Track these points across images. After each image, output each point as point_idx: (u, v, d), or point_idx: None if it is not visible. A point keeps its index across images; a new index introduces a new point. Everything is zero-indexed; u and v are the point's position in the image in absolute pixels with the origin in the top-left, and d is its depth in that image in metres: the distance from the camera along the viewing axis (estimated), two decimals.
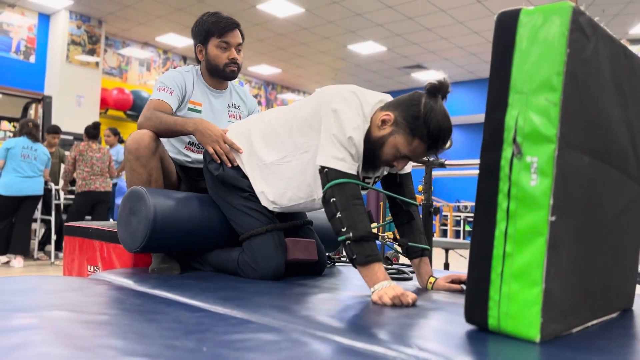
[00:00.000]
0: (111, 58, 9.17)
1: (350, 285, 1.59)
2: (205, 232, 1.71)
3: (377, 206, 4.14)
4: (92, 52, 8.36)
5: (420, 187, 2.67)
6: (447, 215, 10.44)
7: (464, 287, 1.52)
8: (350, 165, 1.42)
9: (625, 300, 1.28)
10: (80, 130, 6.55)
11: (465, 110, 10.93)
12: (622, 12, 7.18)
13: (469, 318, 1.00)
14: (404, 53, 9.54)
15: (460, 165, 2.81)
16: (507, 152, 0.95)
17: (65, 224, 2.21)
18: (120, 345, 0.82)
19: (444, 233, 10.54)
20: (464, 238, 10.28)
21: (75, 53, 8.16)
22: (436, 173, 3.35)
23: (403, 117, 1.44)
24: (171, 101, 1.87)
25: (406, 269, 1.90)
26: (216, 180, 1.72)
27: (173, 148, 1.98)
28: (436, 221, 9.93)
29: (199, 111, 1.97)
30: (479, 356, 0.84)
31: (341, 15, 7.84)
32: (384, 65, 10.31)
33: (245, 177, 1.69)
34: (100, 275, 1.59)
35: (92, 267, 1.99)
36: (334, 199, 1.38)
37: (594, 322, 1.11)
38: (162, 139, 1.87)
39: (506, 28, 0.98)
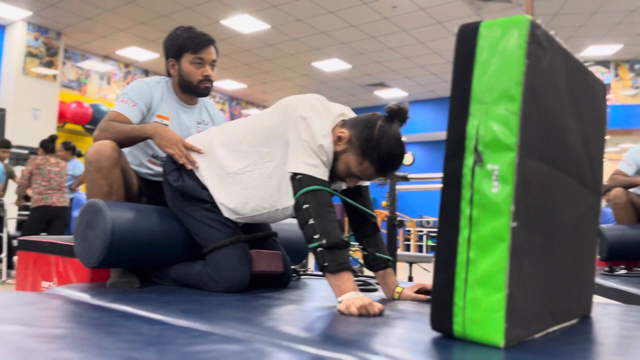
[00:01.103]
0: (70, 71, 8.96)
1: (316, 297, 1.58)
2: (166, 246, 1.67)
3: (342, 216, 4.15)
4: (49, 65, 8.15)
5: (384, 203, 2.69)
6: (410, 231, 10.55)
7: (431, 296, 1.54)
8: (323, 172, 1.42)
9: (583, 307, 1.32)
10: (36, 144, 6.35)
11: (426, 128, 11.16)
12: (574, 34, 7.53)
13: (434, 325, 1.00)
14: (368, 71, 9.70)
15: (423, 178, 2.85)
16: (469, 160, 0.97)
17: (19, 238, 2.12)
18: (77, 357, 0.78)
19: (407, 248, 10.64)
20: (427, 253, 10.39)
21: (32, 65, 7.93)
22: (400, 187, 3.39)
23: (357, 137, 1.46)
24: (132, 114, 1.82)
25: (372, 281, 1.90)
26: (176, 192, 1.69)
27: (135, 160, 1.93)
28: (400, 236, 10.02)
29: (167, 125, 1.93)
30: None
31: (306, 33, 7.92)
32: (348, 82, 10.44)
33: (206, 188, 1.67)
34: (55, 290, 1.53)
35: (47, 282, 1.91)
36: (307, 206, 1.37)
37: (555, 328, 1.13)
38: (124, 151, 1.83)
39: (467, 40, 1.00)
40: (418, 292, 1.53)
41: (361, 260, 1.65)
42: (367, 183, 1.70)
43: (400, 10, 6.99)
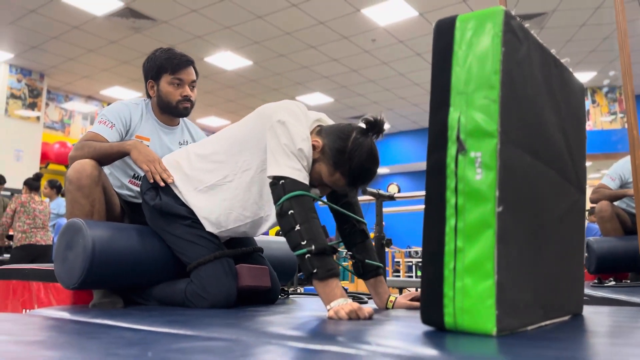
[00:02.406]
0: (53, 112, 8.95)
1: (305, 309, 1.55)
2: (149, 265, 1.63)
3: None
4: (33, 106, 8.14)
5: (372, 235, 2.69)
6: (399, 262, 10.48)
7: None
8: (305, 176, 1.40)
9: (574, 304, 1.31)
10: (19, 185, 6.26)
11: (408, 159, 11.28)
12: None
13: (425, 319, 0.99)
14: (350, 104, 9.83)
15: (410, 197, 2.85)
16: (451, 149, 0.98)
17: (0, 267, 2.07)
18: (56, 356, 0.75)
19: None
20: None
21: (15, 107, 7.92)
22: (387, 210, 3.39)
23: (330, 147, 1.45)
24: (109, 135, 1.80)
25: (362, 295, 1.87)
26: (154, 211, 1.65)
27: (116, 181, 1.91)
28: (389, 267, 9.94)
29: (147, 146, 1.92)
30: (437, 347, 0.82)
31: (288, 68, 8.05)
32: (332, 115, 10.47)
33: (184, 204, 1.64)
34: (35, 312, 1.48)
35: (27, 310, 1.85)
36: (292, 212, 1.33)
37: (547, 322, 1.12)
38: (105, 171, 1.81)
39: (444, 34, 1.02)
40: (412, 300, 1.51)
41: (351, 268, 1.62)
42: None
43: (380, 43, 7.16)
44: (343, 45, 7.22)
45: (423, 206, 1.00)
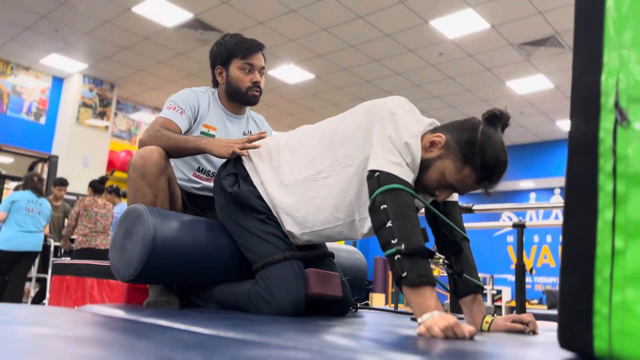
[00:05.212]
0: (121, 121, 9.22)
1: (384, 323, 1.33)
2: (212, 262, 1.47)
3: None
4: (102, 115, 8.40)
5: None
6: None
7: (529, 327, 1.27)
8: (406, 172, 1.22)
9: None
10: (86, 190, 6.40)
11: None
12: None
13: (565, 342, 0.75)
14: None
15: (489, 210, 2.59)
16: (606, 121, 0.75)
17: (55, 262, 1.98)
18: (98, 354, 0.58)
19: None
20: None
21: (86, 116, 8.19)
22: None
23: (456, 141, 1.27)
24: (180, 122, 1.69)
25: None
26: (229, 199, 1.50)
27: (180, 173, 1.78)
28: None
29: (213, 136, 1.79)
30: None
31: (350, 82, 7.91)
32: None
33: (261, 198, 1.48)
34: (86, 308, 1.34)
35: (79, 307, 1.74)
36: (385, 206, 1.16)
37: None
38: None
39: None
40: (514, 322, 1.27)
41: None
42: (455, 198, 1.48)
43: (447, 57, 6.89)
44: (408, 59, 7.01)
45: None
